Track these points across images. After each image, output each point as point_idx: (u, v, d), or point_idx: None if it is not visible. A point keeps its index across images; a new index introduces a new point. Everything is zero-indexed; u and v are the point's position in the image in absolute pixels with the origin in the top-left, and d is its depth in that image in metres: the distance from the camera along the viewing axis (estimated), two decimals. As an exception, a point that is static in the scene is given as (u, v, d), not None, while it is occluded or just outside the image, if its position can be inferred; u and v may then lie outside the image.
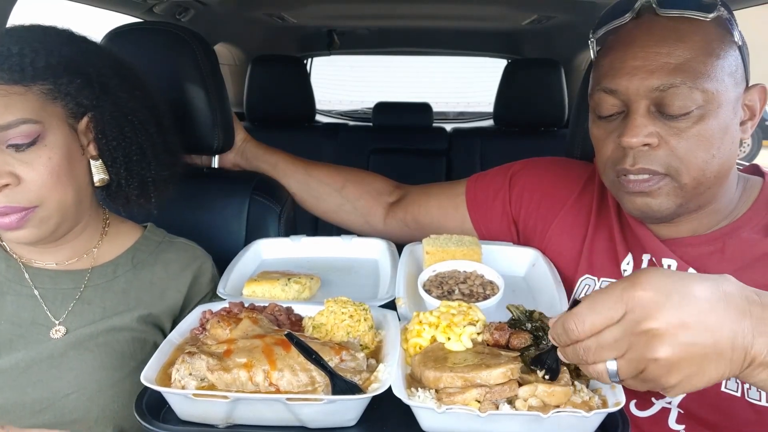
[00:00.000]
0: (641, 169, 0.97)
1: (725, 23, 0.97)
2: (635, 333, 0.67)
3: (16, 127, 0.95)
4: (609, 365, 0.70)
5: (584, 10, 2.31)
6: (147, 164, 1.12)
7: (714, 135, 0.95)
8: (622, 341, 0.68)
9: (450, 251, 1.16)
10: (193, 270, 1.21)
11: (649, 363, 0.67)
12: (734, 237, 1.03)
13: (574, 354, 0.72)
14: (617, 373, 0.70)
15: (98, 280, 1.12)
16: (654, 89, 0.94)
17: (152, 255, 1.19)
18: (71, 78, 1.00)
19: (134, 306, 1.12)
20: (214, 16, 2.36)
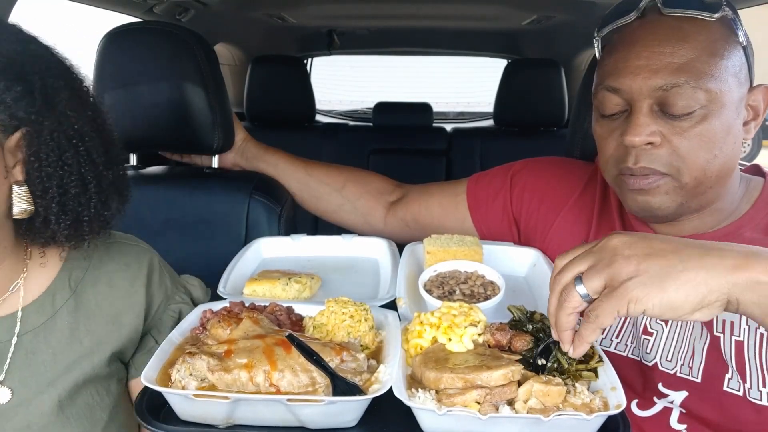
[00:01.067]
0: (643, 168, 0.97)
1: (730, 23, 0.97)
2: (601, 249, 0.77)
3: None
4: (578, 288, 0.77)
5: (584, 10, 2.31)
6: (87, 200, 0.90)
7: (717, 135, 0.95)
8: (588, 255, 0.78)
9: (451, 251, 1.16)
10: (143, 283, 1.02)
11: (612, 271, 0.74)
12: (736, 237, 1.03)
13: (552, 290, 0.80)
14: (586, 293, 0.76)
15: (36, 321, 0.91)
16: (657, 88, 0.94)
17: (90, 270, 0.98)
18: (9, 83, 0.81)
19: (89, 348, 0.94)
20: (214, 16, 2.36)
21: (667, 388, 1.04)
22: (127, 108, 1.48)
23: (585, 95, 1.48)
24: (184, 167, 1.68)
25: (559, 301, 0.79)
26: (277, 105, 3.01)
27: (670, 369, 1.03)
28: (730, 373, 0.98)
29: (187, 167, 1.68)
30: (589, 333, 0.76)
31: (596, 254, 0.77)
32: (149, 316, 1.03)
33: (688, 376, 1.02)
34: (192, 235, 1.39)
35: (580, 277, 0.77)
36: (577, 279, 0.77)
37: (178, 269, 1.17)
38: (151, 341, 1.04)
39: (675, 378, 1.03)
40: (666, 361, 1.04)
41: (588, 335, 0.77)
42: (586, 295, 0.76)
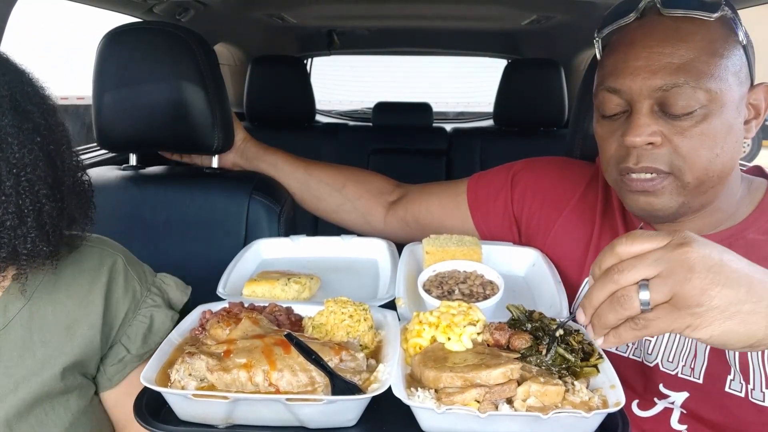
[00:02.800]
0: (645, 168, 0.97)
1: (729, 23, 0.97)
2: (675, 255, 0.70)
3: None
4: (642, 294, 0.71)
5: (584, 10, 2.31)
6: (24, 233, 0.82)
7: (718, 134, 0.95)
8: (660, 261, 0.70)
9: (450, 251, 1.16)
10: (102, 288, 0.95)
11: (682, 284, 0.69)
12: (739, 239, 1.03)
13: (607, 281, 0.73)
14: (648, 300, 0.71)
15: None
16: (657, 89, 0.94)
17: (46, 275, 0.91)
18: None
19: (41, 360, 0.88)
20: (214, 16, 2.36)
21: (668, 389, 1.04)
22: (127, 108, 1.48)
23: (585, 95, 1.48)
24: (184, 167, 1.68)
25: (612, 300, 0.73)
26: (277, 105, 3.01)
27: (672, 370, 1.03)
28: (732, 374, 0.98)
29: (187, 167, 1.68)
30: (630, 337, 0.73)
31: (668, 262, 0.70)
32: (114, 325, 0.98)
33: (690, 377, 1.02)
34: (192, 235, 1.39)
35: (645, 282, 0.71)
36: (643, 285, 0.71)
37: (177, 269, 1.17)
38: (122, 350, 0.98)
39: (676, 379, 1.03)
40: (667, 362, 1.04)
41: (628, 338, 0.73)
42: (646, 303, 0.71)
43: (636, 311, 0.71)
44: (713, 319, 0.69)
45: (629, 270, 0.72)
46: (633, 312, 0.72)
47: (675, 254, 0.70)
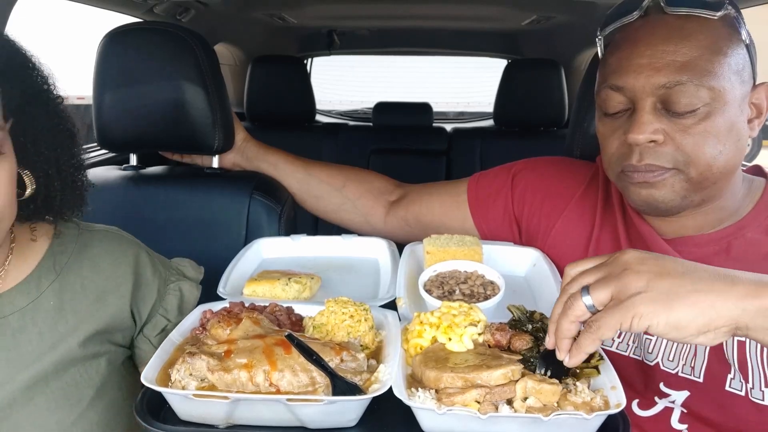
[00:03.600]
0: (648, 166, 0.97)
1: (733, 21, 0.97)
2: (613, 264, 0.77)
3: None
4: (584, 299, 0.77)
5: (584, 11, 2.31)
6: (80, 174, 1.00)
7: (720, 132, 0.95)
8: (601, 268, 0.78)
9: (451, 251, 1.16)
10: (130, 264, 1.06)
11: (621, 284, 0.74)
12: (739, 237, 1.03)
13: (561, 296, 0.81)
14: (591, 302, 0.76)
15: (21, 302, 0.95)
16: (660, 86, 0.94)
17: (74, 255, 1.02)
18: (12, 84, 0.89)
19: (74, 325, 0.97)
20: (214, 16, 2.36)
21: (668, 388, 1.04)
22: (127, 108, 1.48)
23: (585, 95, 1.48)
24: (184, 167, 1.68)
25: (563, 308, 0.79)
26: (277, 105, 3.01)
27: (672, 369, 1.03)
28: (732, 373, 0.98)
29: (187, 167, 1.68)
30: (587, 343, 0.76)
31: (607, 267, 0.77)
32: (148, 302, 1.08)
33: (690, 375, 1.02)
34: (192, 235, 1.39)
35: (588, 287, 0.77)
36: (584, 289, 0.77)
37: (178, 269, 1.17)
38: (163, 321, 1.09)
39: (676, 378, 1.03)
40: (668, 361, 1.04)
41: (586, 345, 0.76)
42: (591, 306, 0.76)
43: (582, 312, 0.77)
44: (655, 304, 0.72)
45: (575, 281, 0.80)
46: (580, 313, 0.77)
47: (612, 259, 0.78)
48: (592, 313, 0.76)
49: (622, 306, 0.73)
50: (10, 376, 0.91)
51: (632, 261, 0.76)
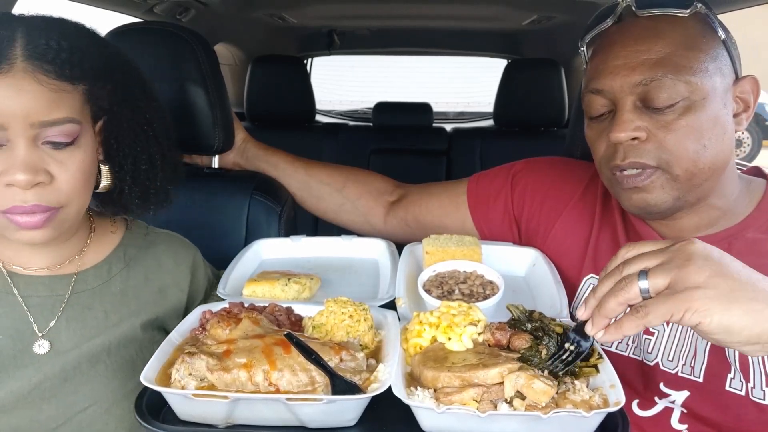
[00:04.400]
0: (632, 163, 0.98)
1: (705, 18, 1.00)
2: (676, 250, 0.75)
3: (62, 125, 0.91)
4: (641, 283, 0.74)
5: (584, 11, 2.30)
6: (154, 174, 1.08)
7: (703, 126, 0.96)
8: (661, 253, 0.75)
9: (450, 251, 1.16)
10: (188, 265, 1.18)
11: (680, 273, 0.72)
12: (740, 238, 1.03)
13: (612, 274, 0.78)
14: (648, 287, 0.74)
15: (93, 282, 1.07)
16: (637, 84, 0.96)
17: (141, 249, 1.14)
18: (104, 83, 0.98)
19: (136, 310, 1.08)
20: (214, 16, 2.36)
21: (668, 388, 1.04)
22: (127, 108, 1.47)
23: (584, 95, 1.48)
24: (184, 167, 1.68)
25: (614, 288, 0.76)
26: (277, 105, 3.00)
27: (672, 369, 1.04)
28: (732, 373, 0.98)
29: (187, 167, 1.67)
30: (631, 326, 0.74)
31: (669, 254, 0.75)
32: (197, 297, 1.19)
33: (690, 375, 1.02)
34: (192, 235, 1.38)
35: (645, 271, 0.75)
36: (642, 273, 0.75)
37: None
38: None
39: (676, 378, 1.03)
40: (667, 361, 1.04)
41: (629, 328, 0.74)
42: (646, 291, 0.74)
43: (636, 296, 0.74)
44: (712, 302, 0.70)
45: (633, 263, 0.76)
46: (633, 296, 0.74)
47: (675, 247, 0.75)
48: (644, 298, 0.74)
49: (677, 297, 0.71)
50: (77, 343, 1.01)
51: (697, 253, 0.73)
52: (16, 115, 0.87)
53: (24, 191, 0.89)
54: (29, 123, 0.88)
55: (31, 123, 0.88)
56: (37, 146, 0.90)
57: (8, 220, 0.91)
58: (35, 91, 0.88)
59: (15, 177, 0.88)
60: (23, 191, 0.89)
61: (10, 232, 0.94)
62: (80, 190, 0.96)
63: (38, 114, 0.89)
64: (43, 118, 0.89)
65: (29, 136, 0.89)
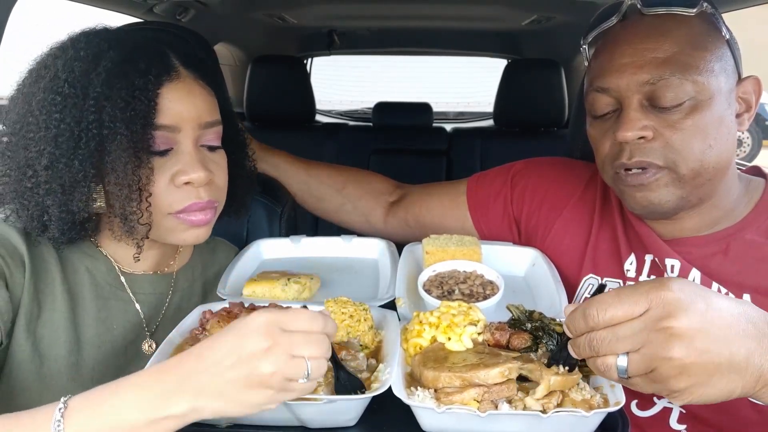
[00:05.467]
0: (638, 162, 0.98)
1: (710, 18, 0.99)
2: (654, 329, 0.67)
3: (217, 127, 1.01)
4: (620, 360, 0.69)
5: (584, 10, 2.30)
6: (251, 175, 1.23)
7: (708, 126, 0.96)
8: (639, 335, 0.68)
9: (450, 251, 1.16)
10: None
11: (661, 362, 0.67)
12: (737, 239, 1.03)
13: (586, 345, 0.71)
14: (626, 369, 0.69)
15: (183, 284, 1.15)
16: (644, 83, 0.96)
17: (210, 254, 1.24)
18: (222, 91, 1.09)
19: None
20: (214, 16, 2.36)
21: None
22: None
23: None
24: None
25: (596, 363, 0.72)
26: (277, 105, 3.00)
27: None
28: None
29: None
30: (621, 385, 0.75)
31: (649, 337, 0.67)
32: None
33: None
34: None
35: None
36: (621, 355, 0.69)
37: (178, 269, 1.18)
38: None
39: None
40: None
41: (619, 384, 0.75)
42: (623, 372, 0.70)
43: (616, 379, 0.71)
44: (694, 389, 0.68)
45: (607, 344, 0.69)
46: (613, 377, 0.71)
47: (656, 327, 0.67)
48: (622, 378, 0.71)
49: (660, 386, 0.69)
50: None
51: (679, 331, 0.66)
52: (190, 117, 0.97)
53: (198, 189, 0.98)
54: (198, 123, 0.98)
55: (200, 124, 0.98)
56: (199, 149, 0.99)
57: (179, 221, 0.99)
58: (202, 95, 1.00)
59: (194, 175, 0.96)
60: (197, 189, 0.98)
61: (176, 234, 1.01)
62: (225, 191, 1.07)
63: (205, 116, 0.99)
64: (209, 119, 1.00)
65: (194, 137, 0.98)
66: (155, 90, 0.94)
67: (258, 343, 0.66)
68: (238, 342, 0.67)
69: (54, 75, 0.92)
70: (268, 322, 0.68)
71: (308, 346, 0.68)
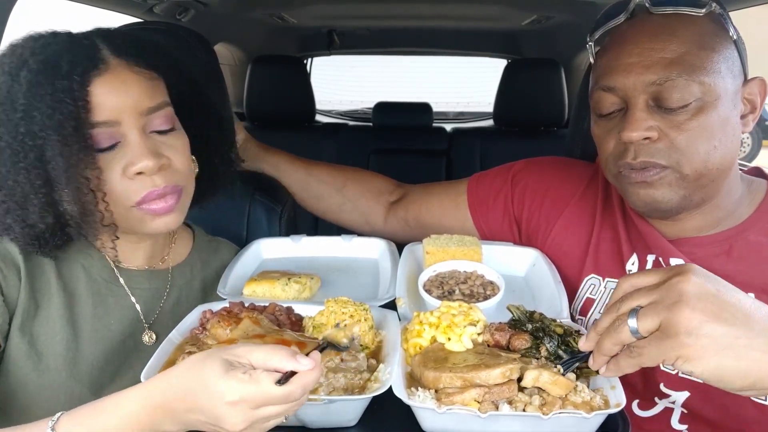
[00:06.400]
0: (643, 163, 0.98)
1: (718, 18, 0.99)
2: (668, 287, 0.71)
3: (163, 109, 0.98)
4: (630, 321, 0.72)
5: (584, 11, 2.31)
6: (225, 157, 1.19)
7: (714, 127, 0.95)
8: (655, 291, 0.72)
9: (450, 251, 1.16)
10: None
11: (671, 314, 0.69)
12: (740, 239, 1.03)
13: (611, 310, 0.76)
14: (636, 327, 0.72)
15: (180, 280, 1.15)
16: (651, 83, 0.95)
17: (210, 254, 1.25)
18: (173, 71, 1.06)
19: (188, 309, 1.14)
20: (214, 16, 2.36)
21: (668, 389, 1.04)
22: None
23: (585, 95, 1.47)
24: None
25: (610, 328, 0.75)
26: (277, 105, 3.00)
27: (672, 369, 1.03)
28: None
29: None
30: (627, 366, 0.74)
31: (661, 291, 0.72)
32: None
33: (691, 376, 1.02)
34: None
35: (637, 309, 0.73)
36: (632, 312, 0.73)
37: (178, 269, 1.18)
38: None
39: (677, 378, 1.03)
40: None
41: (625, 368, 0.75)
42: (635, 332, 0.72)
43: (627, 337, 0.73)
44: (704, 351, 0.68)
45: (627, 300, 0.74)
46: (624, 337, 0.73)
47: (668, 283, 0.72)
48: (637, 338, 0.73)
49: (668, 343, 0.69)
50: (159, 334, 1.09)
51: (690, 292, 0.69)
52: (127, 108, 0.94)
53: (152, 177, 0.96)
54: (138, 112, 0.95)
55: (140, 111, 0.95)
56: (148, 136, 0.97)
57: (143, 212, 0.97)
58: (137, 81, 0.96)
59: (141, 164, 0.93)
60: (151, 177, 0.96)
61: (146, 224, 0.99)
62: (189, 172, 1.04)
63: (145, 101, 0.96)
64: (150, 104, 0.96)
65: (140, 126, 0.95)
66: (83, 89, 0.91)
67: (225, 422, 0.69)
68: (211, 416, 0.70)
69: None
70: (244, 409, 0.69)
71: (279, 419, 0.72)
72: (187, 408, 0.70)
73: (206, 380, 0.69)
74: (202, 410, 0.70)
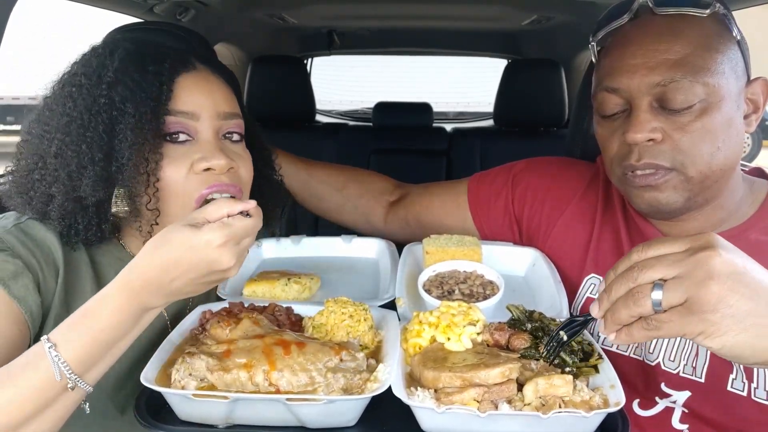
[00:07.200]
0: (647, 164, 0.97)
1: (722, 19, 0.98)
2: (696, 259, 0.69)
3: (237, 119, 1.03)
4: (654, 294, 0.70)
5: (584, 11, 2.31)
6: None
7: (718, 128, 0.95)
8: (679, 263, 0.69)
9: (450, 251, 1.16)
10: None
11: (699, 286, 0.67)
12: (742, 239, 1.03)
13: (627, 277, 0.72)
14: (660, 300, 0.69)
15: None
16: (655, 85, 0.95)
17: None
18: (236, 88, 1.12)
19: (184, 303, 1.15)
20: (214, 16, 2.36)
21: (669, 388, 1.04)
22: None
23: (585, 95, 1.48)
24: None
25: (627, 296, 0.72)
26: (277, 105, 3.00)
27: (673, 369, 1.03)
28: (734, 373, 0.98)
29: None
30: (641, 336, 0.72)
31: (687, 265, 0.69)
32: None
33: (692, 376, 1.02)
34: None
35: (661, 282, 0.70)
36: (657, 285, 0.70)
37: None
38: None
39: (678, 378, 1.03)
40: (669, 361, 1.04)
41: (639, 337, 0.72)
42: (659, 304, 0.70)
43: (648, 310, 0.70)
44: (728, 328, 0.68)
45: (648, 268, 0.71)
46: (645, 310, 0.71)
47: (696, 257, 0.69)
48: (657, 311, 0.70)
49: (692, 319, 0.68)
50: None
51: (718, 269, 0.68)
52: (208, 105, 0.98)
53: (219, 176, 0.98)
54: (217, 113, 0.99)
55: (218, 113, 1.00)
56: (220, 139, 1.01)
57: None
58: (219, 85, 1.02)
59: (214, 161, 0.96)
60: (218, 176, 0.98)
61: None
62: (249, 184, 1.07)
63: (223, 105, 1.01)
64: (227, 109, 1.01)
65: (215, 127, 0.99)
66: (170, 76, 0.96)
67: (222, 263, 0.78)
68: (205, 265, 0.78)
69: (73, 72, 0.96)
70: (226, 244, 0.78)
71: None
72: (172, 277, 0.77)
73: (186, 242, 0.76)
74: (191, 269, 0.77)
